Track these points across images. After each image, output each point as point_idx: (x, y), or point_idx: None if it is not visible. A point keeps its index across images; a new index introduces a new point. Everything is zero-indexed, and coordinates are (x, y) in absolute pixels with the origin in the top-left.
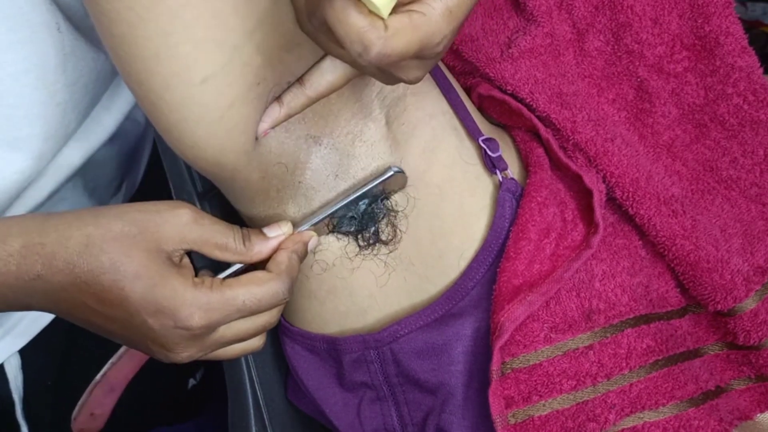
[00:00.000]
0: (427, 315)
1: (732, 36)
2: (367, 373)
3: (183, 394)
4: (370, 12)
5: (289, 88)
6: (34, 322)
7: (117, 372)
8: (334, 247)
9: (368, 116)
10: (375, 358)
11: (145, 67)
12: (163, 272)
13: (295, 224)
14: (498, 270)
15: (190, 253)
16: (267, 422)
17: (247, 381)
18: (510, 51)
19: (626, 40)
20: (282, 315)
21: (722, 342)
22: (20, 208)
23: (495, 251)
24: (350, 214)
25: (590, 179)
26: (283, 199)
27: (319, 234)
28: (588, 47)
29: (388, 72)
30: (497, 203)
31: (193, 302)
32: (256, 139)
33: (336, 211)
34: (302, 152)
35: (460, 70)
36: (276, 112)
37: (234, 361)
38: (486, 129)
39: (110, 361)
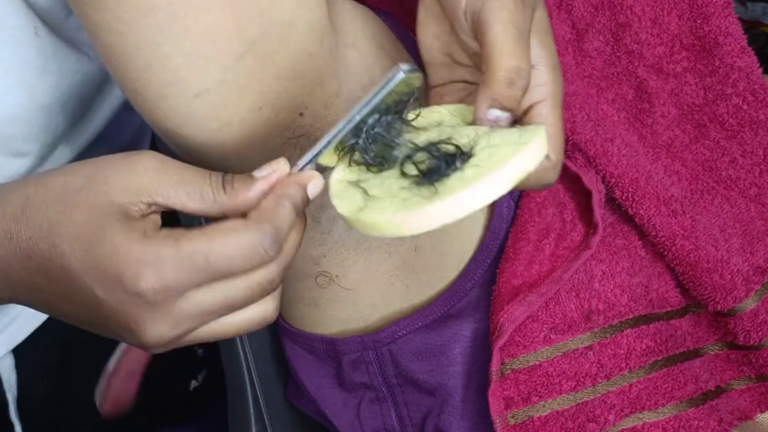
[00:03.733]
0: (425, 316)
1: (731, 36)
2: (366, 373)
3: (185, 396)
4: None
5: None
6: (28, 321)
7: (131, 359)
8: (336, 253)
9: None
10: (373, 359)
11: (138, 77)
12: (104, 226)
13: (293, 163)
14: (497, 270)
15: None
16: (267, 422)
17: (247, 381)
18: None
19: (626, 40)
20: (281, 316)
21: (722, 342)
22: None
23: (493, 252)
24: (361, 137)
25: (589, 180)
26: None
27: (325, 168)
28: (587, 47)
29: None
30: (494, 204)
31: (140, 258)
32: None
33: (343, 136)
34: None
35: None
36: None
37: (234, 361)
38: None
39: (120, 350)
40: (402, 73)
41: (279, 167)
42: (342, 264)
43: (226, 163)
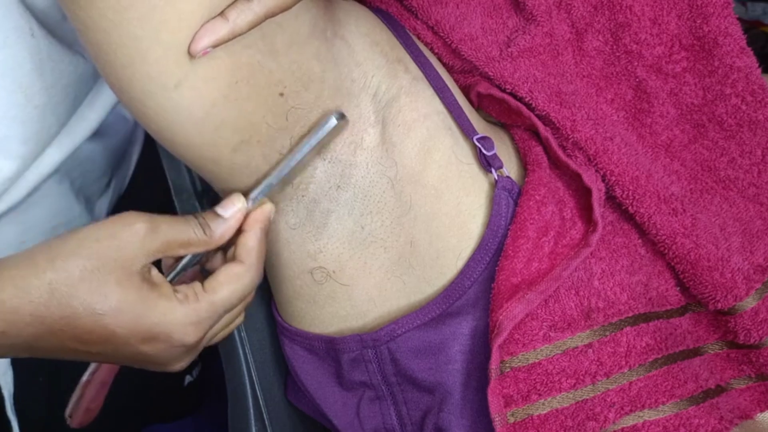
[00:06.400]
0: (424, 314)
1: (731, 36)
2: (366, 372)
3: (179, 391)
4: None
5: (234, 3)
6: None
7: (105, 369)
8: (332, 248)
9: (367, 122)
10: (372, 358)
11: (123, 74)
12: (144, 299)
13: (246, 193)
14: (496, 268)
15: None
16: (267, 422)
17: (247, 381)
18: (509, 50)
19: (625, 40)
20: (280, 315)
21: (722, 341)
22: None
23: (492, 250)
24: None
25: (589, 177)
26: (284, 210)
27: (274, 196)
28: (587, 47)
29: None
30: (493, 202)
31: (185, 320)
32: (192, 57)
33: (288, 173)
34: (308, 168)
35: (459, 68)
36: (220, 28)
37: (234, 361)
38: (482, 127)
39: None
40: (335, 120)
41: (240, 205)
42: (338, 259)
43: (220, 162)
